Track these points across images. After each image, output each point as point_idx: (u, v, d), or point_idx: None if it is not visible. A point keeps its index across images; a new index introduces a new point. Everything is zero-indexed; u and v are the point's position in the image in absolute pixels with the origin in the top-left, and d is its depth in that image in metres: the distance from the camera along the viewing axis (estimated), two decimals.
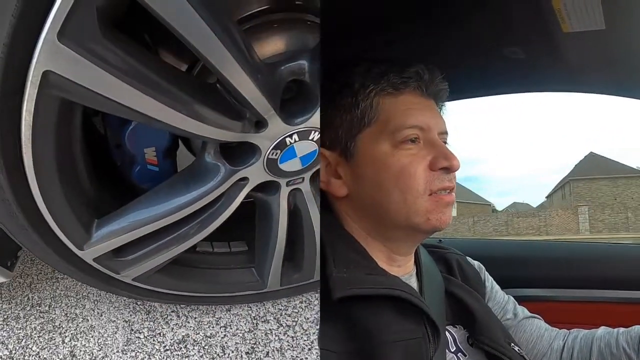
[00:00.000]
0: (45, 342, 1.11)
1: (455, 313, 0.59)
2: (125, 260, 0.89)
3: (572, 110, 57.19)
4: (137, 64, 0.56)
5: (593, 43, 0.73)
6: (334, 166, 0.54)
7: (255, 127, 0.74)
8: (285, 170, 0.83)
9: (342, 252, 0.50)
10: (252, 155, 0.80)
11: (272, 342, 1.09)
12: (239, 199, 0.86)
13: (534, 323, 0.69)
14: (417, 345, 0.47)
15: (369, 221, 0.53)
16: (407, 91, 0.53)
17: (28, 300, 1.24)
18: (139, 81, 0.57)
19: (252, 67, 0.66)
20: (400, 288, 0.49)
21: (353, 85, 0.53)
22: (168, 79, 0.62)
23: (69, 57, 0.51)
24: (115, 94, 0.57)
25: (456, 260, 0.67)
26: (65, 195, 0.75)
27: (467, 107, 40.72)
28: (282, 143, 0.77)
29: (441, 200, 0.51)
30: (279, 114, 0.73)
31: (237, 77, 0.65)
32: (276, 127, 0.75)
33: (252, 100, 0.69)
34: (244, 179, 0.83)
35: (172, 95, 0.62)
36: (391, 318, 0.47)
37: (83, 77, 0.52)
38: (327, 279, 0.46)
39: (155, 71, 0.59)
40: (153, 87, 0.60)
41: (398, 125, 0.51)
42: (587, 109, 56.48)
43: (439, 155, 0.52)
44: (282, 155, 0.80)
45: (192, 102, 0.66)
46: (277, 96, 0.72)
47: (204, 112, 0.68)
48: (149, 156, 0.84)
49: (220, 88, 0.71)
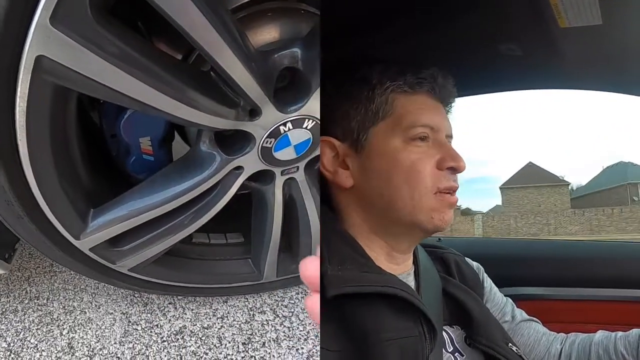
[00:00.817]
0: (43, 335, 1.11)
1: (452, 313, 0.59)
2: (122, 250, 0.90)
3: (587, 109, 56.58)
4: (129, 50, 0.57)
5: (590, 39, 0.72)
6: (342, 157, 0.54)
7: (249, 115, 0.75)
8: (279, 159, 0.83)
9: (337, 249, 0.50)
10: (246, 143, 0.80)
11: (269, 333, 1.09)
12: (234, 189, 0.86)
13: (532, 326, 0.69)
14: (413, 344, 0.47)
15: (373, 215, 0.54)
16: (421, 91, 0.55)
17: (26, 293, 1.25)
18: (131, 67, 0.58)
19: (246, 55, 0.66)
20: (397, 286, 0.48)
21: (371, 81, 0.54)
22: (161, 65, 0.62)
23: (62, 41, 0.51)
24: (108, 79, 0.57)
25: (454, 261, 0.67)
26: (61, 184, 0.75)
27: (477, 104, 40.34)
28: (276, 131, 0.78)
29: (445, 200, 0.52)
30: (273, 102, 0.74)
31: (231, 65, 0.65)
32: (270, 115, 0.75)
33: (245, 88, 0.69)
34: (238, 168, 0.84)
35: (165, 81, 0.63)
36: (387, 316, 0.47)
37: (75, 62, 0.53)
38: (321, 276, 0.46)
39: (148, 57, 0.59)
40: (146, 73, 0.60)
41: (411, 122, 0.52)
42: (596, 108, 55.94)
43: (446, 155, 0.52)
44: (277, 143, 0.80)
45: (186, 88, 0.66)
46: (270, 84, 0.72)
47: (197, 99, 0.68)
48: (144, 146, 0.85)
49: (215, 76, 0.71)
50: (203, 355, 1.05)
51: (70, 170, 0.78)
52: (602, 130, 54.75)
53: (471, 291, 0.63)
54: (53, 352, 1.07)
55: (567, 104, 55.39)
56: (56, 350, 1.07)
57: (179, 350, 1.06)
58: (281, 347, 1.06)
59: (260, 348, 1.06)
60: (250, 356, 1.04)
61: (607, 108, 54.76)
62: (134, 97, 0.62)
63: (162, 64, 0.63)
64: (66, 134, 0.72)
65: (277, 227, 0.96)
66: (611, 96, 2.26)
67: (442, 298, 0.59)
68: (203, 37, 0.60)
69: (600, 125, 52.97)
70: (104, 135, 0.88)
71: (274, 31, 0.77)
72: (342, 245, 0.51)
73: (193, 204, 0.87)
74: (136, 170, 0.89)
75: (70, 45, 0.52)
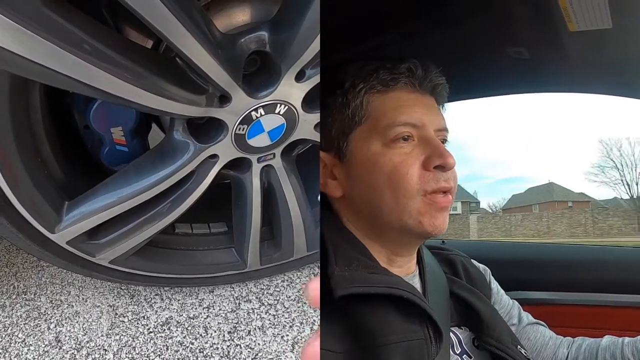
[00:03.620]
0: (31, 329, 1.11)
1: (460, 314, 0.58)
2: (100, 242, 0.89)
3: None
4: (84, 36, 0.55)
5: (599, 43, 0.70)
6: (330, 167, 0.52)
7: (219, 102, 0.73)
8: (254, 145, 0.82)
9: (344, 250, 0.49)
10: (219, 131, 0.79)
11: (254, 321, 1.09)
12: (210, 177, 0.85)
13: (539, 330, 0.68)
14: (419, 346, 0.46)
15: (365, 222, 0.52)
16: (397, 88, 0.51)
17: (14, 289, 1.25)
18: (87, 54, 0.56)
19: (210, 41, 0.65)
20: (403, 288, 0.47)
21: (344, 84, 0.51)
22: (121, 52, 0.61)
23: (6, 25, 0.49)
24: (63, 67, 0.55)
25: (461, 262, 0.65)
26: (31, 178, 0.74)
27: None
28: (248, 117, 0.76)
29: (435, 203, 0.48)
30: (243, 88, 0.72)
31: (194, 52, 0.64)
32: (240, 101, 0.74)
33: (212, 74, 0.68)
34: (213, 157, 0.83)
35: (125, 68, 0.61)
36: (393, 318, 0.46)
37: (23, 47, 0.51)
38: (328, 277, 0.45)
39: (106, 44, 0.58)
40: (105, 61, 0.59)
41: (388, 123, 0.49)
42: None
43: (432, 153, 0.49)
44: (250, 130, 0.79)
45: (150, 76, 0.64)
46: (238, 69, 0.71)
47: (163, 86, 0.66)
48: (116, 136, 0.83)
49: (181, 63, 0.69)
50: (189, 345, 1.05)
51: (41, 164, 0.77)
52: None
53: (479, 292, 0.61)
54: (41, 346, 1.07)
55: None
56: (44, 345, 1.07)
57: (166, 341, 1.06)
58: (266, 335, 1.06)
59: (246, 336, 1.06)
60: (235, 344, 1.04)
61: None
62: (95, 86, 0.60)
63: (123, 50, 0.62)
64: (31, 127, 0.71)
65: (257, 215, 0.95)
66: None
67: (450, 299, 0.57)
68: (163, 24, 0.59)
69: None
70: (77, 127, 0.87)
71: (242, 14, 0.75)
72: (348, 247, 0.50)
73: (169, 193, 0.86)
74: (111, 162, 0.87)
75: (15, 29, 0.50)
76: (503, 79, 0.87)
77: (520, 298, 0.73)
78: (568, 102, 47.36)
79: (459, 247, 0.75)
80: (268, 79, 0.75)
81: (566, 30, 0.66)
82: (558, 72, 0.82)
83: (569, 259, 1.08)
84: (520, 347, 0.57)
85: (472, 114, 45.96)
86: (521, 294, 0.97)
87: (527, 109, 53.90)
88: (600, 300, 0.95)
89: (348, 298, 0.44)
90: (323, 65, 0.59)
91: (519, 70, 0.81)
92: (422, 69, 0.51)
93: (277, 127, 0.80)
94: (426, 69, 0.52)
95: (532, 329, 0.67)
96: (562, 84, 0.89)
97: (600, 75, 0.82)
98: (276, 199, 0.95)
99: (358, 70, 0.52)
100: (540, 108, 53.24)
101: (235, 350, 1.04)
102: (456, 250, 0.68)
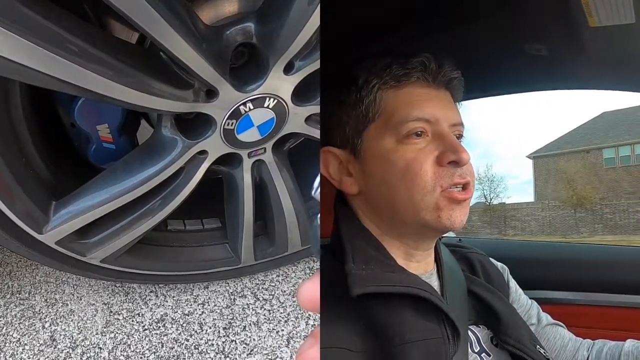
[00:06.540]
0: (25, 329, 1.11)
1: (478, 313, 0.57)
2: (90, 242, 0.88)
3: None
4: (60, 30, 0.53)
5: (621, 38, 0.68)
6: (345, 164, 0.52)
7: (206, 97, 0.72)
8: (243, 140, 0.80)
9: (361, 248, 0.48)
10: (208, 127, 0.77)
11: (249, 317, 1.09)
12: (200, 174, 0.84)
13: (558, 331, 0.66)
14: (436, 345, 0.46)
15: (381, 218, 0.51)
16: (410, 82, 0.50)
17: (8, 288, 1.24)
18: (65, 51, 0.54)
19: (194, 35, 0.63)
20: (420, 287, 0.47)
21: (357, 81, 0.51)
22: (101, 48, 0.59)
23: None
24: (41, 65, 0.54)
25: (479, 261, 0.64)
26: (15, 178, 0.73)
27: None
28: (236, 112, 0.75)
29: (452, 198, 0.48)
30: (230, 81, 0.70)
31: (177, 47, 0.62)
32: (228, 96, 0.72)
33: (196, 69, 0.66)
34: (203, 153, 0.81)
35: (106, 65, 0.59)
36: (410, 317, 0.46)
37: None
38: (346, 275, 0.45)
39: (82, 38, 0.56)
40: (84, 58, 0.57)
41: (401, 118, 0.49)
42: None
43: (446, 148, 0.48)
44: (238, 125, 0.77)
45: (132, 72, 0.63)
46: (225, 63, 0.69)
47: (147, 82, 0.65)
48: (102, 134, 0.82)
49: (166, 58, 0.68)
50: (184, 342, 1.04)
51: (25, 164, 0.75)
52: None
53: (497, 291, 0.60)
54: (36, 345, 1.06)
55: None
56: (39, 344, 1.07)
57: (161, 338, 1.05)
58: (261, 330, 1.05)
59: (241, 332, 1.05)
60: (231, 340, 1.04)
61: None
62: (76, 84, 0.59)
63: (105, 47, 0.60)
64: (13, 127, 0.69)
65: (249, 210, 0.94)
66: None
67: (468, 298, 0.57)
68: (143, 20, 0.57)
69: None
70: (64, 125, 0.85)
71: (228, 5, 0.73)
72: (365, 245, 0.49)
73: (159, 190, 0.84)
74: (98, 160, 0.86)
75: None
76: (520, 75, 0.85)
77: (538, 297, 0.71)
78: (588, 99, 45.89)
79: (476, 245, 0.74)
80: (256, 71, 0.73)
81: (586, 26, 0.64)
82: (577, 68, 0.79)
83: (589, 258, 1.05)
84: (539, 347, 0.57)
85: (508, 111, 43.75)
86: (539, 293, 0.94)
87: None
88: (620, 302, 0.92)
89: (365, 297, 0.44)
90: (322, 62, 0.57)
91: (536, 66, 0.78)
92: (435, 63, 0.50)
93: (266, 121, 0.78)
94: (440, 63, 0.51)
95: (551, 329, 0.66)
96: (582, 81, 0.86)
97: (621, 71, 0.80)
98: (269, 194, 0.94)
99: (371, 66, 0.51)
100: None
101: (231, 346, 1.03)
102: (474, 248, 0.67)
